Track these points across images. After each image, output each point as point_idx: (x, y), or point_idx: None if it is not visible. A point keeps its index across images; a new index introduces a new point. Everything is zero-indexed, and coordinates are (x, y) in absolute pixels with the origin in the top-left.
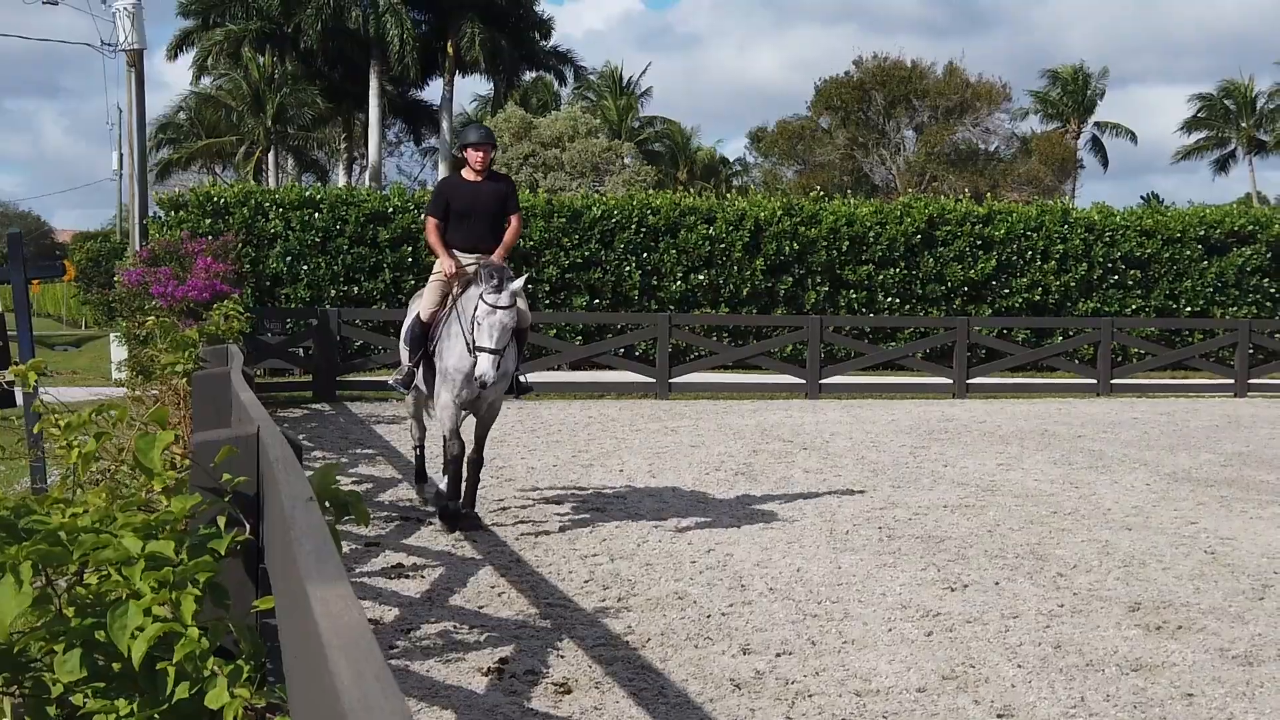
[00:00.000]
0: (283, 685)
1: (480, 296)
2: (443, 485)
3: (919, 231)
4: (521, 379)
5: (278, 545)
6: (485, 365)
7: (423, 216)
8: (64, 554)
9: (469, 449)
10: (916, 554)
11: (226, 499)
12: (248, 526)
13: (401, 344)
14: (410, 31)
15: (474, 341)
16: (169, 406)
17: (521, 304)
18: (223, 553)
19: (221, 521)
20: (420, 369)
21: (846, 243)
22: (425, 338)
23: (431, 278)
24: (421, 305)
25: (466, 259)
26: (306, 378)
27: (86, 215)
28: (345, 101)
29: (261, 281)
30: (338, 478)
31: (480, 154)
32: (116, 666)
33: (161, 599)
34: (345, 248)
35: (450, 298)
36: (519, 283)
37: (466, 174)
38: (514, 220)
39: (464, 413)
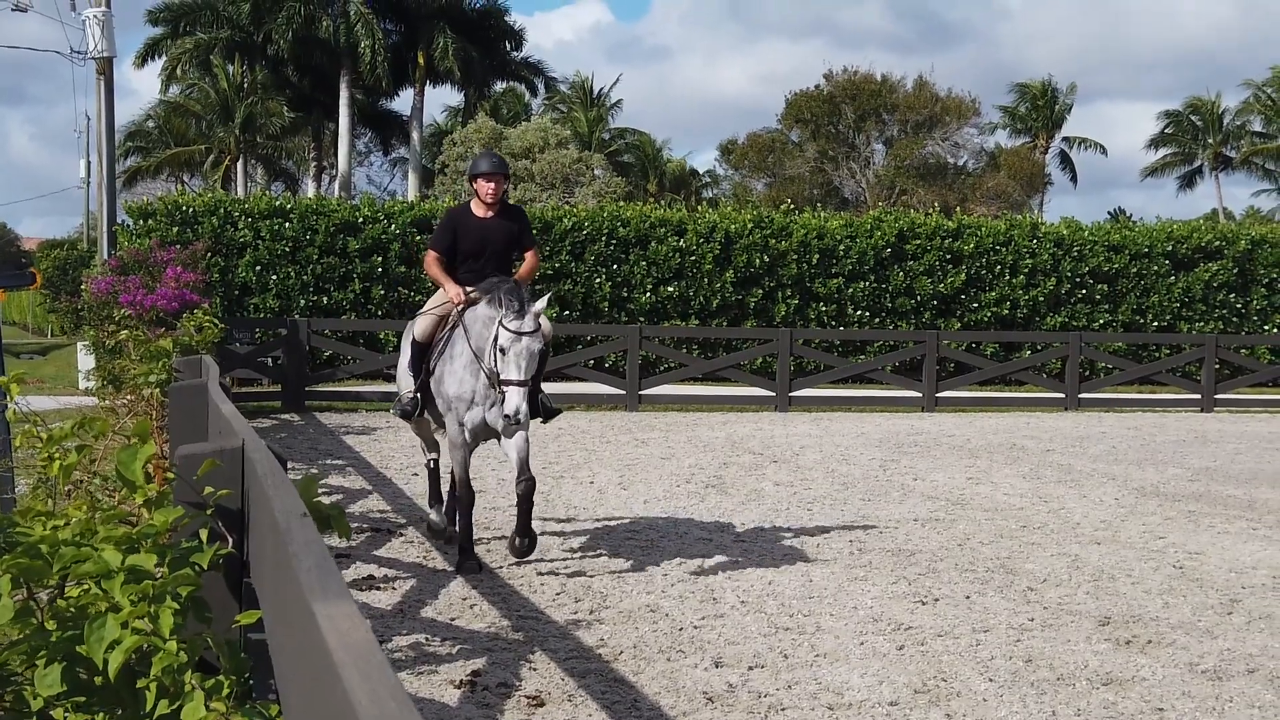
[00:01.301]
0: (266, 702)
1: (500, 323)
2: (433, 517)
3: (889, 245)
4: (547, 402)
5: (268, 560)
6: (516, 400)
7: (424, 248)
8: (44, 568)
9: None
10: (887, 567)
11: (210, 512)
12: (230, 540)
13: (402, 372)
14: (381, 41)
15: (498, 373)
16: (139, 418)
17: (545, 323)
18: (205, 566)
19: (204, 535)
20: (422, 395)
21: (817, 256)
22: (425, 359)
23: (429, 306)
24: (417, 328)
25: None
26: (275, 387)
27: (53, 223)
28: (315, 111)
29: (230, 291)
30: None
31: (492, 186)
32: (98, 681)
33: (140, 612)
34: (315, 258)
35: (450, 317)
36: (542, 303)
37: (476, 208)
38: (530, 256)
39: (475, 445)
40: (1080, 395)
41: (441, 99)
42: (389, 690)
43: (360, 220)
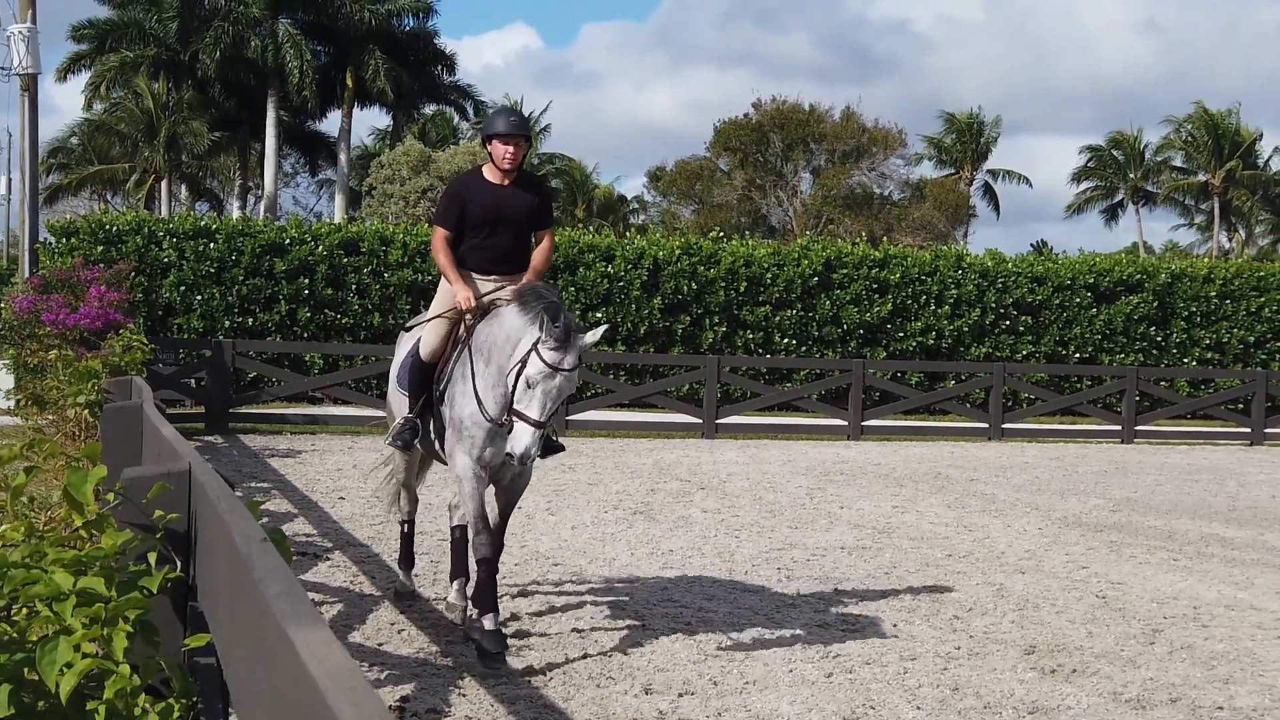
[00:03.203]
0: None
1: (535, 348)
2: (452, 595)
3: (816, 274)
4: (554, 436)
5: (223, 584)
6: (527, 439)
7: (428, 227)
8: None
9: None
10: (815, 595)
11: (159, 536)
12: (178, 564)
13: (393, 389)
14: (310, 62)
15: (514, 402)
16: (65, 438)
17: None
18: (154, 590)
19: (152, 558)
20: (421, 419)
21: (744, 283)
22: (431, 379)
23: (433, 308)
24: (423, 343)
25: (485, 284)
26: (199, 409)
27: None
28: (241, 131)
29: (154, 311)
30: None
31: (511, 149)
32: (41, 706)
33: (92, 635)
34: (240, 279)
35: (462, 329)
36: (594, 336)
37: (489, 173)
38: (546, 239)
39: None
40: (1004, 425)
41: (369, 121)
42: (378, 713)
43: (287, 241)
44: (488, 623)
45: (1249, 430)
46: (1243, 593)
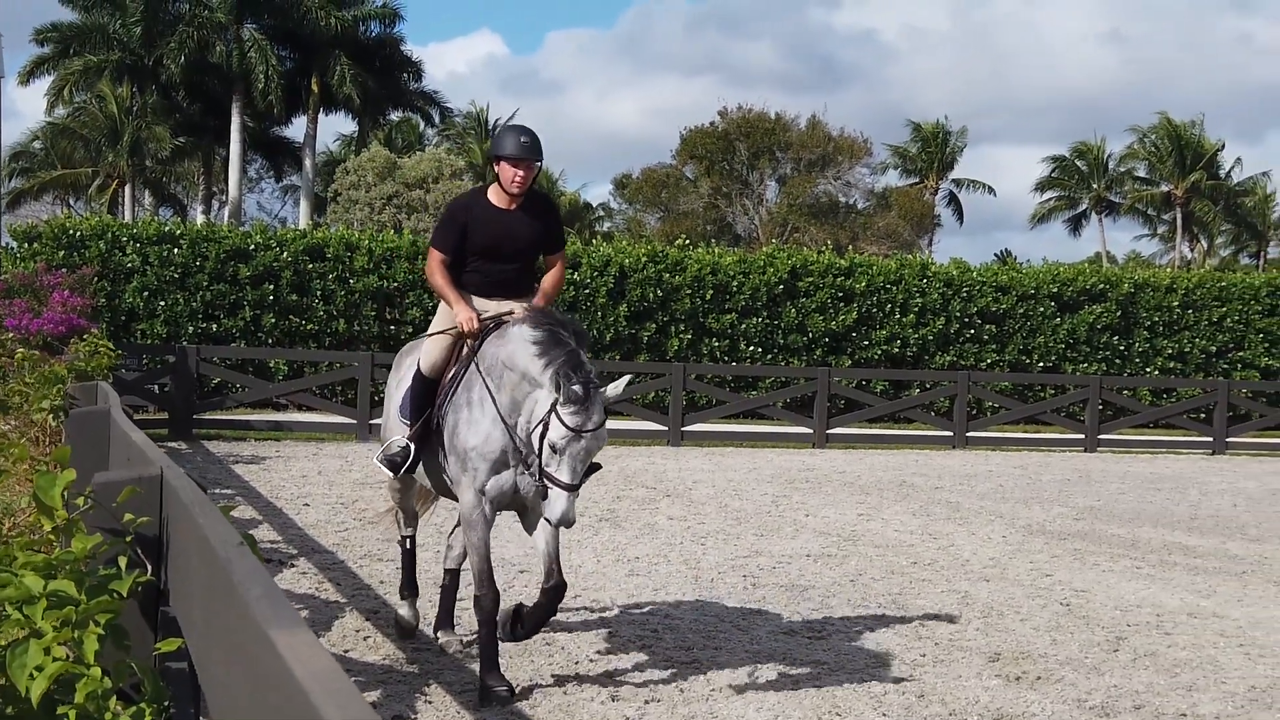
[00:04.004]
0: None
1: (555, 411)
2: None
3: (781, 282)
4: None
5: (198, 588)
6: (563, 504)
7: (426, 247)
8: None
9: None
10: (781, 602)
11: (129, 540)
12: (149, 568)
13: (391, 411)
14: (276, 68)
15: (543, 464)
16: (29, 444)
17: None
18: (124, 594)
19: (123, 563)
20: (418, 445)
21: (710, 291)
22: (433, 397)
23: (432, 330)
24: (424, 354)
25: (490, 306)
26: (162, 415)
27: None
28: (206, 136)
29: (117, 317)
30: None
31: (520, 173)
32: (11, 710)
33: (63, 637)
34: (205, 284)
35: (465, 348)
36: (617, 390)
37: (494, 195)
38: (557, 263)
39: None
40: (968, 433)
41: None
42: (366, 717)
43: (252, 247)
44: (493, 681)
45: (1211, 439)
46: (1205, 600)
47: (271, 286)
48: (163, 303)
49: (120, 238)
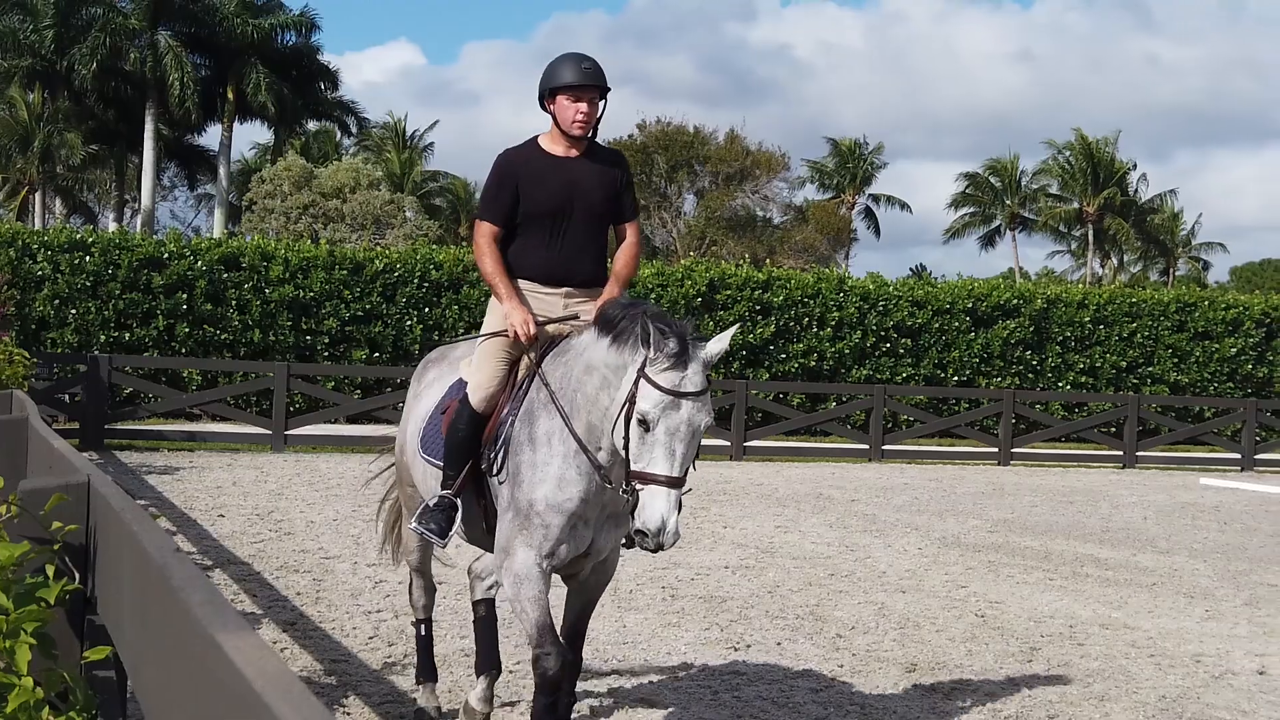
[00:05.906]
0: None
1: (643, 373)
2: (473, 697)
3: (700, 294)
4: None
5: (131, 596)
6: (661, 506)
7: (474, 223)
8: None
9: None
10: (700, 614)
11: (57, 548)
12: (76, 576)
13: (413, 456)
14: (190, 75)
15: (630, 461)
16: None
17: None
18: (52, 602)
19: (50, 571)
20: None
21: None
22: (480, 437)
23: (483, 335)
24: (472, 383)
25: (549, 300)
26: (73, 424)
27: None
28: (118, 143)
29: (27, 325)
30: None
31: (584, 107)
32: None
33: None
34: (117, 293)
35: (525, 368)
36: (721, 344)
37: (551, 143)
38: (631, 234)
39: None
40: (884, 446)
41: (250, 136)
42: (322, 717)
43: (165, 256)
44: None
45: (1121, 453)
46: (1116, 612)
47: (185, 295)
48: (74, 311)
49: (30, 245)
